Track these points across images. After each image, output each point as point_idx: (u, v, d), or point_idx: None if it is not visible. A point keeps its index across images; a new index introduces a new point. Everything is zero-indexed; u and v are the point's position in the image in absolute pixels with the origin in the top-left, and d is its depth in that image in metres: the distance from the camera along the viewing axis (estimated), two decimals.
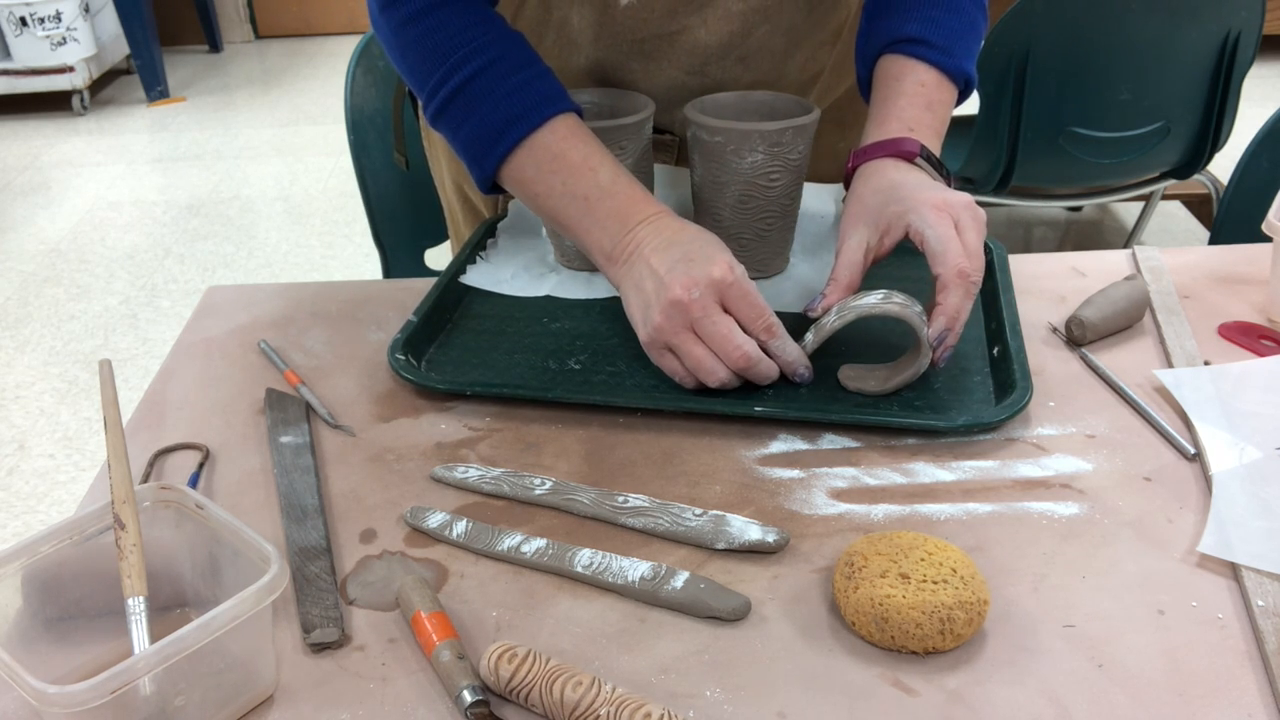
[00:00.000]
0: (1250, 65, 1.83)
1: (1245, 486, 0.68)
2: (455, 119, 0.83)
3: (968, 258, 0.75)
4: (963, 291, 0.75)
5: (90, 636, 0.59)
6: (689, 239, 0.77)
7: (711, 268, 0.74)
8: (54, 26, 3.96)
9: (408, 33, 0.83)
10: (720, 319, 0.74)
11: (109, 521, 0.57)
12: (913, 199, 0.78)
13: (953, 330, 0.75)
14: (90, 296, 2.79)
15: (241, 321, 0.93)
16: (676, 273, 0.74)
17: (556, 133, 0.81)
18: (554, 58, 0.96)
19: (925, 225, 0.76)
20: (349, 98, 1.41)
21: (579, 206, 0.81)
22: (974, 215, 0.77)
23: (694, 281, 0.74)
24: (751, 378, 0.76)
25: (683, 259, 0.75)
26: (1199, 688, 0.55)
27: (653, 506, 0.68)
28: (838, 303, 0.77)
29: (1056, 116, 1.84)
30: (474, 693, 0.55)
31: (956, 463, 0.72)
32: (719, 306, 0.75)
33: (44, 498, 2.05)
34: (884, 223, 0.79)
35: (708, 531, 0.66)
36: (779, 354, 0.77)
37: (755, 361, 0.75)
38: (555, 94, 0.83)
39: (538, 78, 0.83)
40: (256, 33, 5.09)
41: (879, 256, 0.80)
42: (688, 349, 0.75)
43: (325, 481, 0.73)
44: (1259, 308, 0.89)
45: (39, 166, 3.67)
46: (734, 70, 0.95)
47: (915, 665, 0.57)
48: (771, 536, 0.65)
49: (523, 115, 0.81)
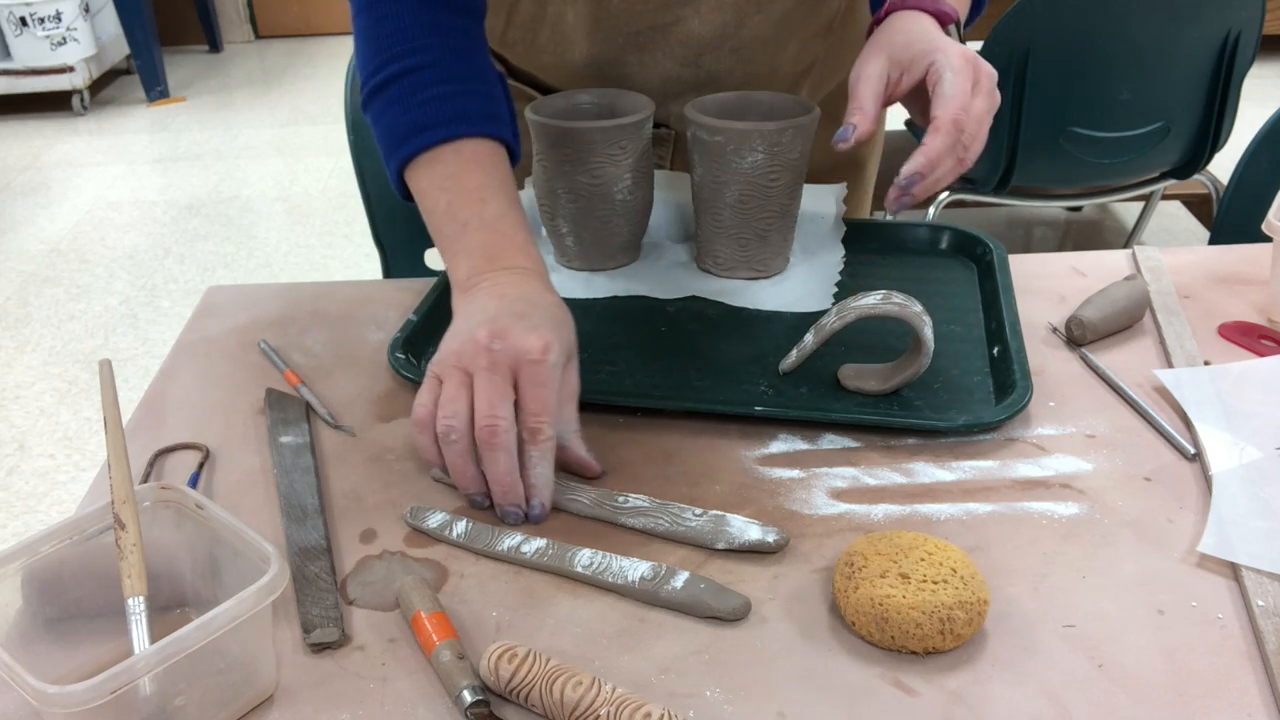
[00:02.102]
0: (1250, 65, 1.83)
1: (1245, 486, 0.68)
2: (376, 112, 0.82)
3: (969, 115, 0.73)
4: (951, 141, 0.73)
5: (90, 636, 0.59)
6: (540, 306, 0.71)
7: (530, 336, 0.68)
8: (54, 26, 3.96)
9: (362, 17, 0.82)
10: (495, 381, 0.67)
11: (109, 521, 0.57)
12: (943, 46, 0.75)
13: (924, 177, 0.73)
14: (90, 296, 2.79)
15: (241, 321, 0.93)
16: (498, 322, 0.69)
17: (461, 154, 0.78)
18: (550, 54, 0.96)
19: (948, 68, 0.73)
20: (349, 98, 1.41)
21: (455, 229, 0.77)
22: (992, 87, 0.75)
23: (503, 335, 0.68)
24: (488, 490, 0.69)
25: (515, 315, 0.69)
26: (1199, 688, 0.55)
27: (652, 507, 0.68)
28: (868, 133, 0.74)
29: (1056, 116, 1.84)
30: (474, 693, 0.55)
31: (956, 463, 0.72)
32: (509, 375, 0.68)
33: (44, 498, 2.05)
34: (907, 59, 0.76)
35: (708, 531, 0.66)
36: (528, 468, 0.68)
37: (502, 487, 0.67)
38: (478, 115, 0.80)
39: (466, 95, 0.79)
40: (256, 33, 5.09)
41: (893, 96, 0.77)
42: (449, 395, 0.68)
43: (325, 481, 0.73)
44: (1259, 308, 0.89)
45: (39, 166, 3.67)
46: (728, 61, 0.95)
47: (915, 665, 0.57)
48: (771, 536, 0.65)
49: (430, 126, 0.78)
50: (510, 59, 1.01)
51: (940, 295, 0.90)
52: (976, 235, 0.98)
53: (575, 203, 0.92)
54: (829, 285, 0.92)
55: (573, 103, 0.94)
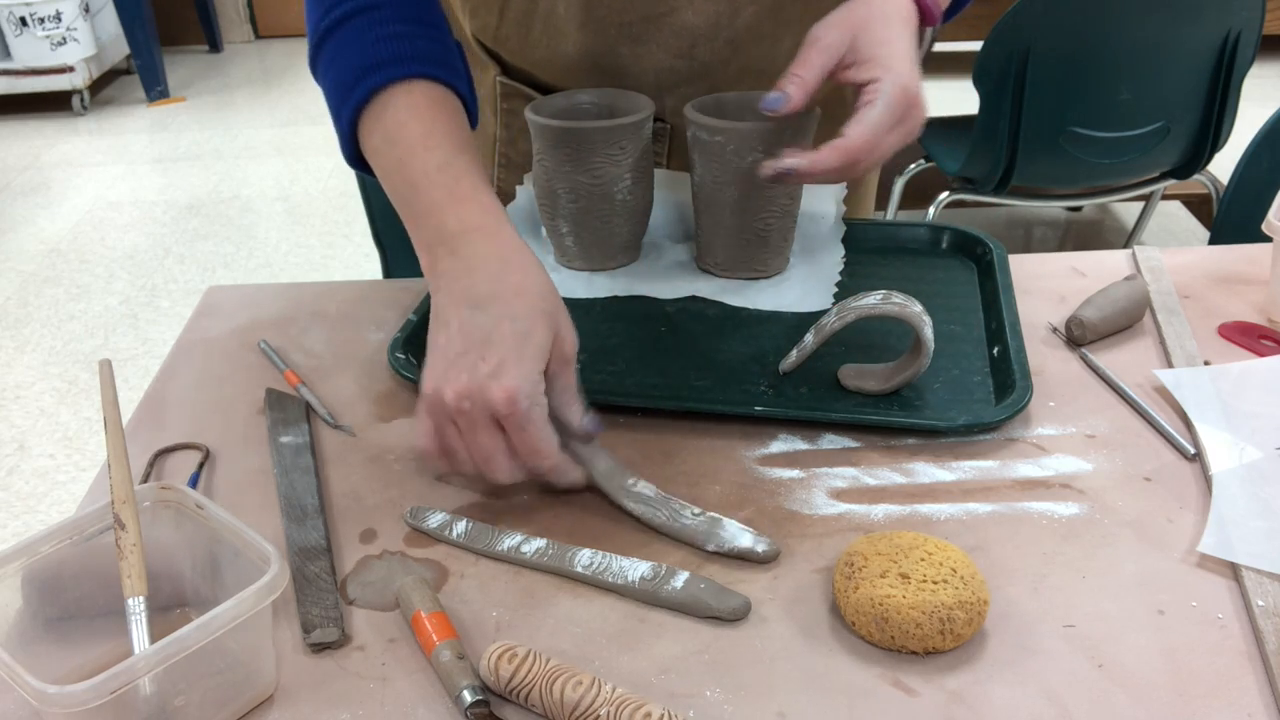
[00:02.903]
0: (1250, 65, 1.83)
1: (1245, 486, 0.68)
2: (326, 61, 0.77)
3: (875, 149, 0.73)
4: (843, 164, 0.73)
5: (90, 636, 0.59)
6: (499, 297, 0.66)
7: (493, 386, 0.63)
8: (54, 26, 3.96)
9: None
10: (480, 439, 0.65)
11: (109, 521, 0.57)
12: (896, 68, 0.73)
13: (800, 177, 0.73)
14: (90, 296, 2.79)
15: (241, 321, 0.93)
16: (458, 365, 0.64)
17: (413, 95, 0.72)
18: (543, 48, 0.96)
19: (884, 96, 0.73)
20: None
21: (406, 194, 0.71)
22: (915, 127, 0.75)
23: (467, 392, 0.64)
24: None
25: (476, 341, 0.64)
26: (1199, 688, 0.55)
27: (656, 498, 0.68)
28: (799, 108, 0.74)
29: (1057, 116, 1.84)
30: (474, 693, 0.55)
31: (956, 463, 0.72)
32: (490, 422, 0.64)
33: (44, 498, 2.05)
34: (864, 56, 0.74)
35: (701, 532, 0.66)
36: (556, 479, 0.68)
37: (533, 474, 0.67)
38: (434, 57, 0.74)
39: (423, 37, 0.74)
40: (256, 33, 5.09)
41: (835, 80, 0.76)
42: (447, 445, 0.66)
43: (325, 481, 0.73)
44: (1259, 308, 0.89)
45: (39, 166, 3.67)
46: (723, 53, 0.95)
47: (915, 665, 0.57)
48: (762, 547, 0.64)
49: (383, 64, 0.72)
50: (504, 55, 1.01)
51: (940, 295, 0.90)
52: (976, 235, 0.98)
53: (575, 203, 0.92)
54: (829, 285, 0.92)
55: (573, 103, 0.94)
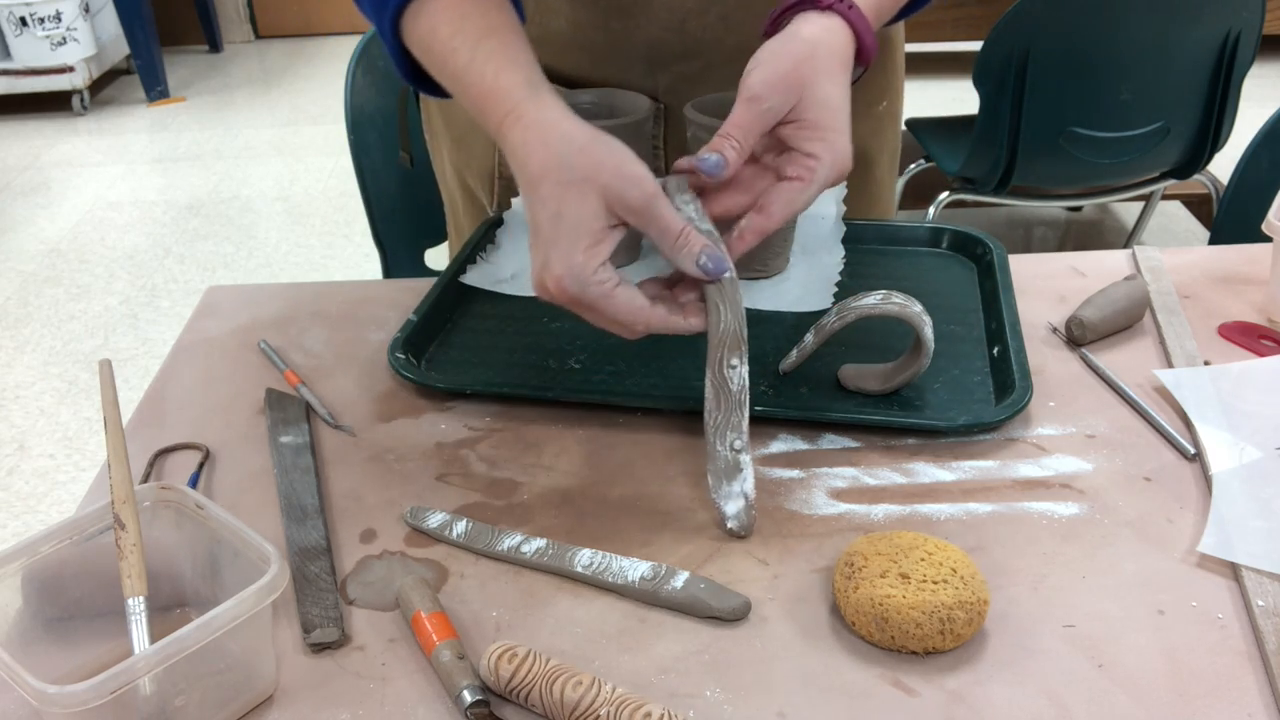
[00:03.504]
0: (1250, 65, 1.83)
1: (1245, 486, 0.68)
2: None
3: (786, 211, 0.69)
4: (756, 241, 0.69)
5: (90, 636, 0.59)
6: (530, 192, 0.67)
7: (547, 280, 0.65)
8: (54, 26, 3.96)
9: None
10: (587, 317, 0.67)
11: (109, 521, 0.57)
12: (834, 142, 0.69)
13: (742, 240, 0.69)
14: (90, 296, 2.79)
15: (241, 321, 0.93)
16: (540, 253, 0.66)
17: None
18: (534, 24, 0.95)
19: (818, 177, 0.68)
20: (349, 98, 1.41)
21: (460, 96, 0.72)
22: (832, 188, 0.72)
23: (540, 287, 0.67)
24: None
25: (531, 238, 0.67)
26: (1199, 688, 0.55)
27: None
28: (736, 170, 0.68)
29: (1056, 116, 1.84)
30: (474, 693, 0.55)
31: (956, 463, 0.72)
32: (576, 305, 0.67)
33: (44, 498, 2.05)
34: (809, 118, 0.68)
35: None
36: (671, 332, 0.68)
37: (660, 329, 0.67)
38: None
39: None
40: (256, 33, 5.09)
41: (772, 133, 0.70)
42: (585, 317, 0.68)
43: (325, 481, 0.73)
44: (1259, 308, 0.89)
45: (39, 166, 3.67)
46: (716, 30, 0.94)
47: (915, 665, 0.57)
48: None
49: None
50: None
51: (940, 295, 0.90)
52: (976, 235, 0.98)
53: None
54: (829, 285, 0.92)
55: (573, 103, 0.94)
